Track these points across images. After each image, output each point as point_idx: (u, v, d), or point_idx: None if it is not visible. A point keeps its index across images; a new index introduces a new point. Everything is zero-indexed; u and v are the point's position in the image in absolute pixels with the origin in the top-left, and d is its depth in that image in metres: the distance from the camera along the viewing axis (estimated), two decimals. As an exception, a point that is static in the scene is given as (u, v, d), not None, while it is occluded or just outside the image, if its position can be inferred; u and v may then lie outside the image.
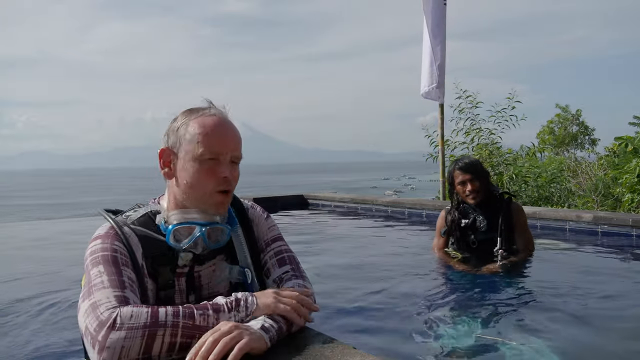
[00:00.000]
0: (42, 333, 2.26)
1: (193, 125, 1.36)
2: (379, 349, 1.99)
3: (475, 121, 8.60)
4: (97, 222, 1.42)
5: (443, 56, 6.49)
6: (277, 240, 1.54)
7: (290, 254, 1.53)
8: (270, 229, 1.56)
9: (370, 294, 2.73)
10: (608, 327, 2.25)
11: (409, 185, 46.04)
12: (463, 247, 3.32)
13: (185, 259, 1.39)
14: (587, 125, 23.12)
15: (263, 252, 1.51)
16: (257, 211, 1.57)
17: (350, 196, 7.21)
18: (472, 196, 3.18)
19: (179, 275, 1.40)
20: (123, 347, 1.07)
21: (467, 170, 3.18)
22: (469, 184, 3.17)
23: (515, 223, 3.21)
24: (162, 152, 1.42)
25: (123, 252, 1.29)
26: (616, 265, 3.48)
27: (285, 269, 1.47)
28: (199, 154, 1.34)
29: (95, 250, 1.29)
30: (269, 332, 1.17)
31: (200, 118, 1.38)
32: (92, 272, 1.24)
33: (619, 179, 7.44)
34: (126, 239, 1.31)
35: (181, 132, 1.37)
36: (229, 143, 1.37)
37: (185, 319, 1.14)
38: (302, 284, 1.43)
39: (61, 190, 46.17)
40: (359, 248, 4.26)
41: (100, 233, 1.34)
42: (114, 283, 1.20)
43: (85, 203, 27.66)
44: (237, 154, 1.40)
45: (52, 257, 4.07)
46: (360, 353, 1.14)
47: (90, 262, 1.27)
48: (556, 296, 2.63)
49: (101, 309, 1.13)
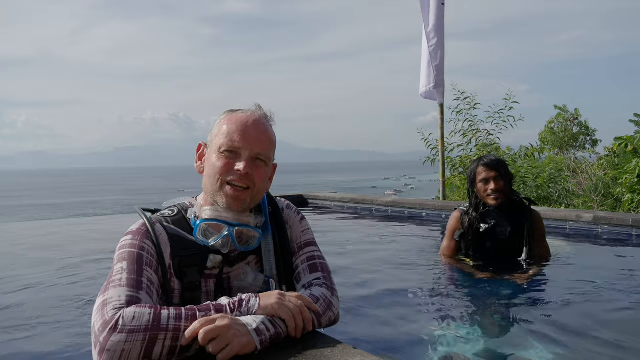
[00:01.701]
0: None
1: (224, 121, 1.40)
2: (379, 349, 1.99)
3: (473, 122, 8.60)
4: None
5: (442, 56, 6.48)
6: (310, 245, 1.52)
7: (322, 262, 1.50)
8: (304, 233, 1.53)
9: (370, 294, 2.73)
10: (608, 327, 2.24)
11: (409, 185, 46.08)
12: (477, 254, 3.06)
13: (214, 261, 1.38)
14: (588, 126, 23.11)
15: (295, 255, 1.49)
16: (292, 212, 1.55)
17: (350, 196, 7.20)
18: (495, 196, 2.93)
19: (207, 277, 1.39)
20: (123, 351, 1.08)
21: (493, 167, 2.94)
22: (492, 182, 2.93)
23: (535, 232, 3.03)
24: (199, 147, 1.47)
25: (150, 251, 1.31)
26: (616, 265, 3.47)
27: (317, 276, 1.44)
28: (219, 146, 1.37)
29: (124, 245, 1.31)
30: (262, 335, 1.16)
31: (233, 115, 1.41)
32: (115, 267, 1.27)
33: (619, 179, 7.44)
34: (156, 238, 1.33)
35: (215, 128, 1.42)
36: (252, 138, 1.37)
37: (187, 322, 1.13)
38: (327, 296, 1.37)
39: (61, 190, 46.25)
40: (359, 248, 4.26)
41: (132, 229, 1.36)
42: (131, 282, 1.22)
43: (86, 203, 27.69)
44: (261, 152, 1.39)
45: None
46: (361, 353, 1.14)
47: (117, 256, 1.30)
48: (555, 297, 2.63)
49: (108, 307, 1.14)
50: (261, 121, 1.41)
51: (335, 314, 1.37)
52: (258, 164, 1.38)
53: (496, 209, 3.00)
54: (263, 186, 1.41)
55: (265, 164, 1.41)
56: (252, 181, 1.37)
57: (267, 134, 1.41)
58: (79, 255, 3.89)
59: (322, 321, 1.31)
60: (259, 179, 1.38)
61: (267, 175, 1.42)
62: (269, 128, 1.43)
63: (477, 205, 3.04)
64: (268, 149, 1.41)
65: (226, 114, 1.42)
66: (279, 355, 1.15)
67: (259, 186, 1.39)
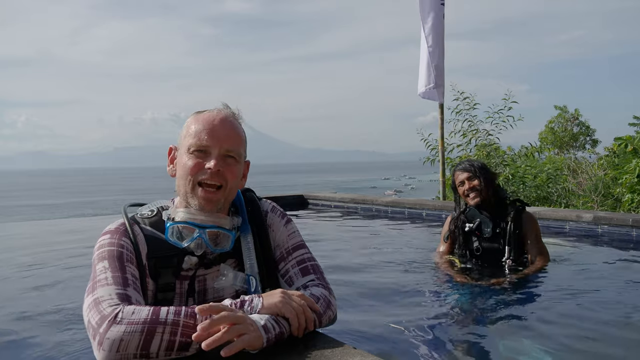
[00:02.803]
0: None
1: (191, 122, 1.40)
2: (379, 349, 1.99)
3: (473, 122, 8.59)
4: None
5: (441, 56, 6.46)
6: (299, 248, 1.49)
7: (313, 263, 1.48)
8: (291, 236, 1.50)
9: (370, 294, 2.73)
10: (608, 327, 2.24)
11: (409, 185, 46.06)
12: (466, 254, 3.19)
13: (190, 262, 1.38)
14: (588, 126, 23.11)
15: (284, 260, 1.47)
16: (276, 216, 1.52)
17: (350, 196, 7.20)
18: (472, 195, 3.07)
19: (182, 279, 1.39)
20: (122, 341, 1.09)
21: (465, 169, 3.13)
22: (467, 182, 3.10)
23: (526, 233, 3.06)
24: (169, 150, 1.46)
25: (129, 248, 1.31)
26: (616, 265, 3.47)
27: (310, 278, 1.43)
28: (188, 147, 1.36)
29: (103, 245, 1.31)
30: (269, 332, 1.16)
31: (200, 115, 1.41)
32: (97, 266, 1.27)
33: (619, 179, 7.44)
34: (134, 237, 1.33)
35: (183, 130, 1.42)
36: (220, 136, 1.36)
37: (187, 318, 1.14)
38: (326, 295, 1.37)
39: (60, 190, 46.20)
40: (359, 248, 4.25)
41: (110, 228, 1.36)
42: (117, 280, 1.23)
43: (85, 203, 27.68)
44: (230, 149, 1.37)
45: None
46: (361, 353, 1.14)
47: (96, 256, 1.30)
48: (555, 298, 2.62)
49: (104, 304, 1.15)
50: (228, 119, 1.40)
51: (334, 313, 1.38)
52: (229, 161, 1.37)
53: (479, 208, 3.11)
54: (236, 183, 1.40)
55: (236, 160, 1.39)
56: (224, 179, 1.35)
57: (236, 130, 1.40)
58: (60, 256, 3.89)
59: (322, 320, 1.32)
60: (231, 176, 1.37)
61: (239, 172, 1.41)
62: (237, 125, 1.42)
63: (465, 208, 3.20)
64: (237, 145, 1.39)
65: (193, 115, 1.42)
66: (280, 355, 1.15)
67: (231, 184, 1.38)
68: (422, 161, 8.83)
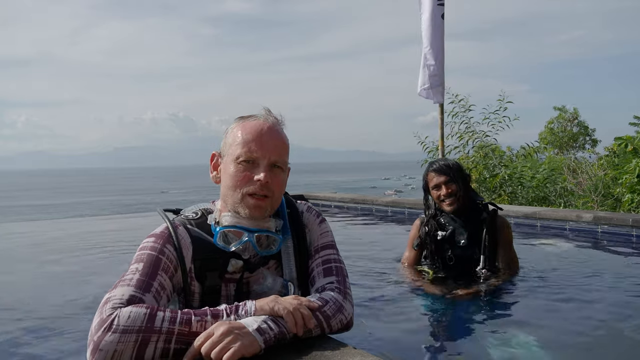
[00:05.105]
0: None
1: (237, 129, 1.40)
2: (379, 349, 1.99)
3: (469, 124, 8.60)
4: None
5: (441, 56, 6.45)
6: (327, 248, 1.48)
7: (338, 265, 1.46)
8: (323, 235, 1.50)
9: (370, 294, 2.73)
10: (608, 328, 2.24)
11: (409, 185, 45.99)
12: (438, 263, 2.91)
13: (235, 265, 1.38)
14: (587, 126, 23.12)
15: (311, 258, 1.47)
16: (311, 215, 1.53)
17: (350, 196, 7.21)
18: (449, 201, 2.77)
19: (227, 281, 1.39)
20: (115, 351, 1.09)
21: (442, 172, 2.79)
22: (443, 187, 2.77)
23: (499, 240, 2.81)
24: (212, 156, 1.46)
25: (170, 256, 1.31)
26: (616, 265, 3.48)
27: (330, 280, 1.41)
28: (236, 156, 1.36)
29: (145, 247, 1.32)
30: (265, 334, 1.15)
31: (246, 122, 1.40)
32: (131, 266, 1.28)
33: (619, 179, 7.43)
34: (178, 242, 1.33)
35: (227, 137, 1.41)
36: (268, 147, 1.37)
37: (182, 326, 1.14)
38: (338, 299, 1.34)
39: (60, 190, 46.22)
40: (359, 248, 4.25)
41: (156, 232, 1.37)
42: (140, 284, 1.23)
43: (85, 203, 27.68)
44: (278, 159, 1.38)
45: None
46: (361, 353, 1.14)
47: (136, 256, 1.31)
48: (555, 298, 2.63)
49: (108, 305, 1.16)
50: (275, 127, 1.41)
51: (347, 317, 1.33)
52: (276, 172, 1.38)
53: (453, 215, 2.82)
54: (281, 193, 1.42)
55: (282, 170, 1.41)
56: (271, 190, 1.37)
57: (282, 140, 1.42)
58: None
59: (331, 323, 1.28)
60: (277, 187, 1.39)
61: (284, 181, 1.43)
62: (283, 133, 1.43)
63: (436, 212, 2.90)
64: (284, 155, 1.41)
65: (238, 122, 1.42)
66: (280, 355, 1.15)
67: (277, 194, 1.40)
68: (420, 164, 8.82)
